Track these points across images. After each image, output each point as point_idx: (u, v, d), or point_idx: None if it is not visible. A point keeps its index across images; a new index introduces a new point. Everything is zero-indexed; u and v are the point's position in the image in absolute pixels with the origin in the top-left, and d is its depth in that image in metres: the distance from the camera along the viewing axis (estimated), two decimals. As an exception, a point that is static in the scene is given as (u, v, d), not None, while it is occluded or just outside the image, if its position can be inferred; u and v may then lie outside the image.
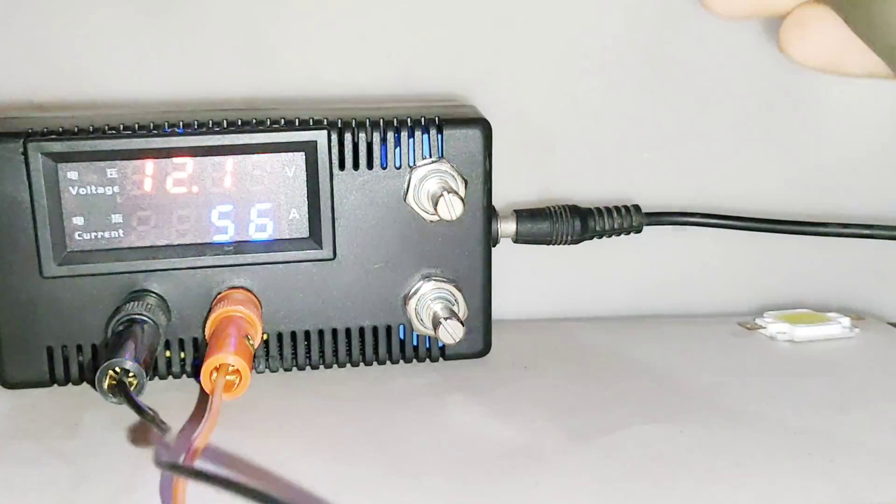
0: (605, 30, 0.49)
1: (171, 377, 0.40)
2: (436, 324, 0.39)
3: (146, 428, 0.34)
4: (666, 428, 0.35)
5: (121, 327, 0.36)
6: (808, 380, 0.40)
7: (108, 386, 0.33)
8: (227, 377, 0.34)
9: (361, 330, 0.41)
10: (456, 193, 0.38)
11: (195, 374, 0.39)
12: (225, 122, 0.38)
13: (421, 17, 0.48)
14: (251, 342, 0.36)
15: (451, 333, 0.39)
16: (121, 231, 0.38)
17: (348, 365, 0.41)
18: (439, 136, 0.39)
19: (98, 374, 0.33)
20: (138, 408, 0.33)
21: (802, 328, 0.45)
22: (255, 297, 0.39)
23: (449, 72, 0.48)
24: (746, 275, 0.53)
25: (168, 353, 0.40)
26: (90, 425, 0.36)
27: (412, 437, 0.35)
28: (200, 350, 0.40)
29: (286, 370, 0.41)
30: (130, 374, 0.34)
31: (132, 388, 0.33)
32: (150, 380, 0.39)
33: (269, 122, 0.38)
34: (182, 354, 0.40)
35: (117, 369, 0.34)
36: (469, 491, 0.31)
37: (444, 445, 0.34)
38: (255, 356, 0.37)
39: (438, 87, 0.48)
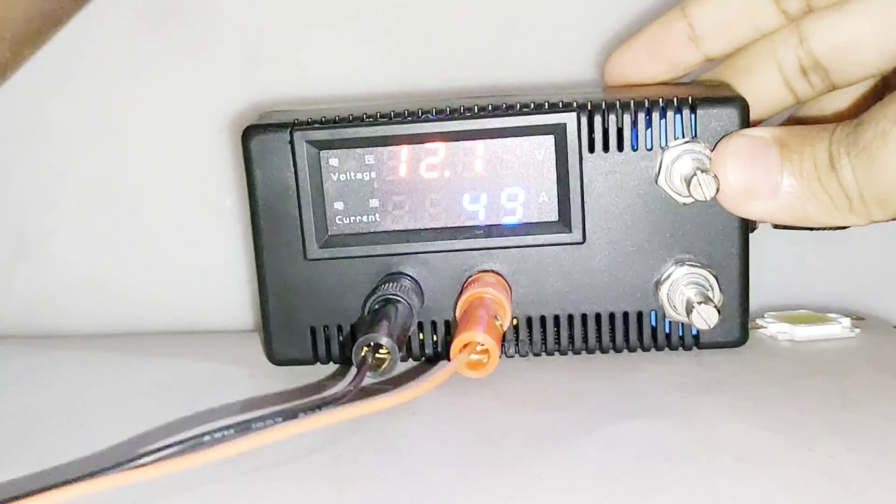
0: (607, 34, 0.48)
1: (423, 359, 0.41)
2: (689, 309, 0.38)
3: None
4: (668, 422, 0.34)
5: (377, 306, 0.37)
6: (808, 378, 0.38)
7: (363, 360, 0.35)
8: (475, 356, 0.35)
9: (612, 316, 0.40)
10: (709, 173, 0.37)
11: (447, 356, 0.40)
12: (476, 107, 0.39)
13: (423, 21, 0.48)
14: (500, 323, 0.37)
15: (706, 319, 0.37)
16: (377, 215, 0.40)
17: (597, 352, 0.41)
18: (692, 115, 0.38)
19: (354, 348, 0.35)
20: (358, 379, 0.33)
21: (803, 328, 0.43)
22: (505, 280, 0.40)
23: (449, 77, 0.48)
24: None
25: (420, 336, 0.41)
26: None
27: (415, 430, 0.34)
28: (451, 332, 0.40)
29: (535, 355, 0.41)
30: (384, 350, 0.35)
31: (385, 364, 0.34)
32: (403, 360, 0.40)
33: (518, 106, 0.38)
34: (434, 337, 0.41)
35: (371, 344, 0.35)
36: (471, 483, 0.31)
37: (447, 437, 0.34)
38: (504, 340, 0.37)
39: (440, 92, 0.49)
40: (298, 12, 0.50)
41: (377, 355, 0.35)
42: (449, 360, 0.35)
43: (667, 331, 0.40)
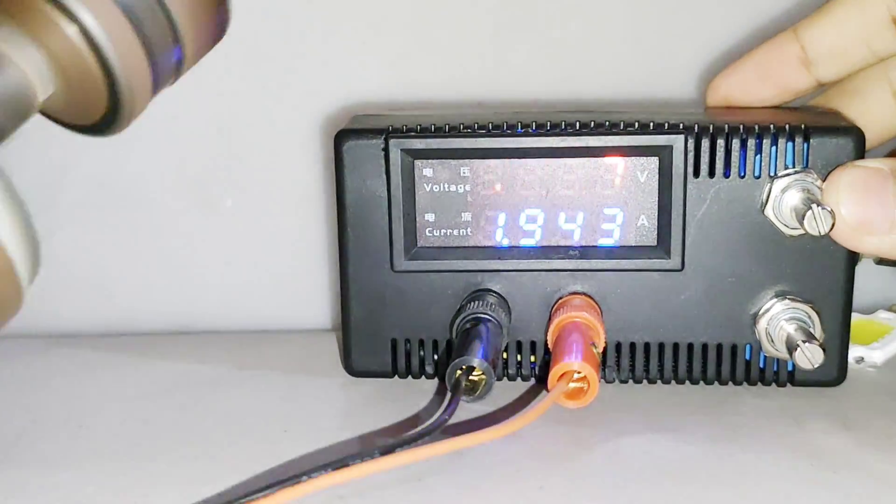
0: (612, 36, 0.47)
1: (505, 378, 0.40)
2: (792, 346, 0.36)
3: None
4: (670, 436, 0.35)
5: (467, 325, 0.36)
6: (812, 396, 0.38)
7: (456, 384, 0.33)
8: (574, 384, 0.34)
9: (704, 347, 0.38)
10: (825, 206, 0.35)
11: (537, 378, 0.39)
12: (577, 123, 0.37)
13: (425, 22, 0.47)
14: (597, 349, 0.35)
15: (810, 358, 0.36)
16: (469, 229, 0.38)
17: (687, 382, 0.39)
18: (805, 144, 0.36)
19: (448, 371, 0.34)
20: (452, 406, 0.32)
21: (878, 350, 0.41)
22: (596, 304, 0.38)
23: (454, 78, 0.47)
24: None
25: (504, 354, 0.39)
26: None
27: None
28: (537, 353, 0.39)
29: (622, 382, 0.39)
30: (478, 372, 0.34)
31: (480, 387, 0.33)
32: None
33: (622, 125, 0.37)
34: (518, 357, 0.39)
35: (464, 367, 0.34)
36: (473, 494, 0.31)
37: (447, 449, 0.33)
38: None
39: (443, 94, 0.47)
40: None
41: (471, 378, 0.33)
42: (546, 388, 0.34)
43: (761, 366, 0.39)
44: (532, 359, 0.39)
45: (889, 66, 0.38)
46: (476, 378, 0.33)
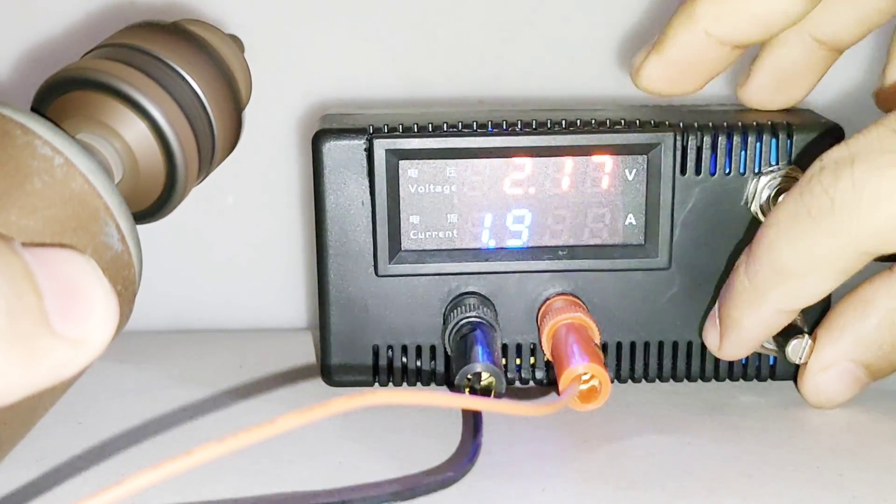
0: (612, 34, 0.47)
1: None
2: (784, 340, 0.36)
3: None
4: (674, 438, 0.34)
5: (465, 331, 0.35)
6: None
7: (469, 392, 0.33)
8: (583, 386, 0.33)
9: (689, 344, 0.39)
10: (818, 202, 0.35)
11: (536, 381, 0.39)
12: (564, 122, 0.37)
13: (426, 19, 0.47)
14: (598, 347, 0.35)
15: (801, 351, 0.36)
16: (455, 231, 0.37)
17: (671, 381, 0.39)
18: (788, 141, 0.37)
19: (456, 383, 0.33)
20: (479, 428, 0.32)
21: None
22: (583, 303, 0.38)
23: (455, 75, 0.47)
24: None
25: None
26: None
27: (416, 440, 0.34)
28: (523, 355, 0.39)
29: (607, 382, 0.39)
30: (486, 376, 0.33)
31: (493, 391, 0.32)
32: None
33: (609, 123, 0.37)
34: (504, 360, 0.38)
35: (470, 375, 0.33)
36: (475, 497, 0.31)
37: (449, 451, 0.33)
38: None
39: (445, 91, 0.47)
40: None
41: (480, 384, 0.33)
42: (558, 393, 0.33)
43: (743, 362, 0.39)
44: (517, 361, 0.39)
45: None
46: (485, 383, 0.33)
